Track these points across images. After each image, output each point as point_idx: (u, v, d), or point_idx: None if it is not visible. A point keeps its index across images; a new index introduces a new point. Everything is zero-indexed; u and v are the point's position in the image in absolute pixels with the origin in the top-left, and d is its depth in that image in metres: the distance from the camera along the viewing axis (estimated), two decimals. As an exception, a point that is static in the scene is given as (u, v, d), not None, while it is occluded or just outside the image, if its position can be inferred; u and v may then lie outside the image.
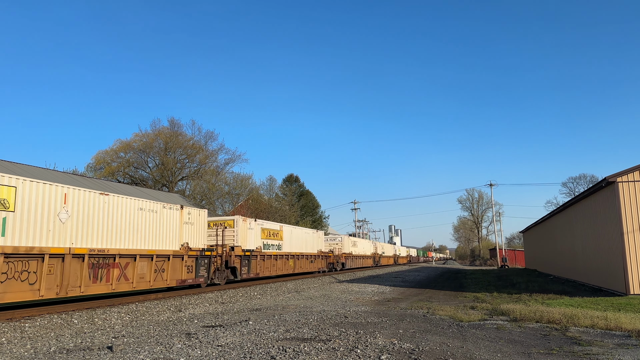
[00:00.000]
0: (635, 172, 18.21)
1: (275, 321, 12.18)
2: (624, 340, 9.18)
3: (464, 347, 8.65)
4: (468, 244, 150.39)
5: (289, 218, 55.75)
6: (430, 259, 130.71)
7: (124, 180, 57.76)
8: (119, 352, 8.50)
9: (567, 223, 28.34)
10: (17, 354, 8.73)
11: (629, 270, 17.60)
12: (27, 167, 33.14)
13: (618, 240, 18.36)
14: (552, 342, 9.10)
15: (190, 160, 61.72)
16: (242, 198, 56.09)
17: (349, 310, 14.59)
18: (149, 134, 59.78)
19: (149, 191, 46.19)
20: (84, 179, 40.56)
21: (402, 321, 12.07)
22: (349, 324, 11.69)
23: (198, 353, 8.35)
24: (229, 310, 15.18)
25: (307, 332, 10.45)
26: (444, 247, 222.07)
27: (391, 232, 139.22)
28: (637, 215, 17.89)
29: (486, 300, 17.95)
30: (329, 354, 8.16)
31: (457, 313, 13.45)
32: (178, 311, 15.09)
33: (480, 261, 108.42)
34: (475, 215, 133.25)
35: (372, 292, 22.95)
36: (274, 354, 8.14)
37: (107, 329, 11.59)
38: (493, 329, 10.72)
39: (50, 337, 10.53)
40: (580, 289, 21.76)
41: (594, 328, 10.66)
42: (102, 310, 14.40)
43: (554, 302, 16.22)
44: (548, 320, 11.69)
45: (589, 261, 23.12)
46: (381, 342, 9.11)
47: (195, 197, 54.55)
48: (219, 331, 10.63)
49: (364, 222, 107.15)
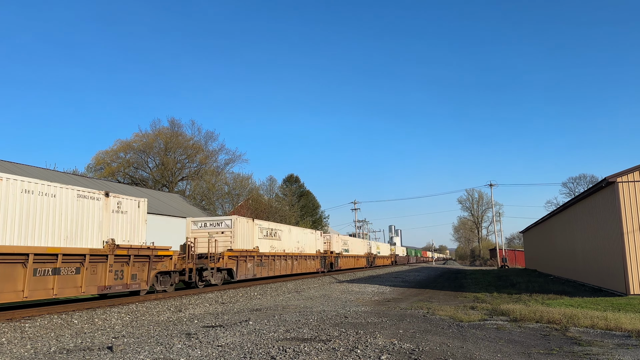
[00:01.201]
0: (635, 172, 18.21)
1: (275, 321, 12.18)
2: (624, 341, 9.19)
3: (464, 347, 8.66)
4: (468, 244, 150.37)
5: (289, 218, 55.73)
6: (429, 259, 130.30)
7: (124, 181, 57.77)
8: (119, 352, 8.51)
9: (567, 223, 28.34)
10: (17, 354, 8.74)
11: (629, 271, 17.60)
12: (27, 167, 33.16)
13: (618, 241, 18.36)
14: (552, 342, 9.10)
15: (190, 160, 61.77)
16: (242, 198, 56.08)
17: (349, 311, 14.59)
18: (149, 134, 59.84)
19: (149, 191, 46.21)
20: (84, 179, 40.57)
21: (402, 321, 12.07)
22: (349, 324, 11.69)
23: (198, 353, 8.35)
24: (229, 311, 15.18)
25: (307, 332, 10.45)
26: (444, 247, 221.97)
27: (391, 232, 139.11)
28: (637, 216, 17.89)
29: (486, 300, 17.95)
30: (329, 354, 8.16)
31: (457, 313, 13.45)
32: (178, 311, 15.10)
33: (480, 261, 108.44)
34: (475, 215, 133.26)
35: (372, 292, 22.96)
36: (274, 354, 8.15)
37: (107, 329, 11.59)
38: (493, 329, 10.72)
39: (50, 337, 10.53)
40: (580, 289, 21.76)
41: (594, 328, 10.66)
42: (102, 311, 14.40)
43: (554, 302, 16.22)
44: (548, 320, 11.69)
45: (589, 261, 23.12)
46: (381, 342, 9.11)
47: (195, 197, 54.56)
48: (219, 331, 10.63)
49: (364, 222, 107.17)
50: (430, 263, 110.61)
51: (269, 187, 64.93)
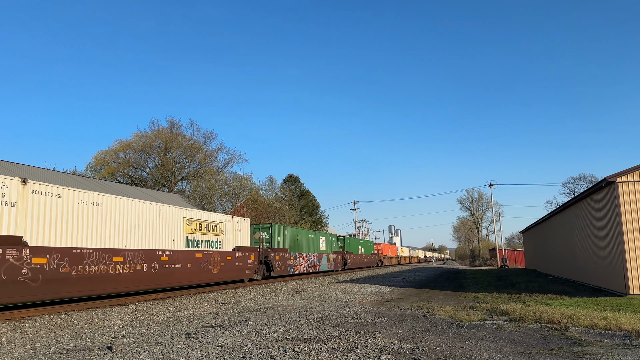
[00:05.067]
0: (635, 172, 18.21)
1: (275, 321, 12.18)
2: (624, 340, 9.18)
3: (463, 347, 8.65)
4: (468, 244, 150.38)
5: (289, 218, 55.70)
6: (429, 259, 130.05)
7: (124, 181, 57.76)
8: (119, 352, 8.50)
9: (567, 223, 28.35)
10: (17, 354, 8.73)
11: (629, 271, 17.60)
12: (27, 167, 33.13)
13: (618, 241, 18.36)
14: (552, 342, 9.10)
15: (189, 160, 61.72)
16: (241, 198, 56.06)
17: (349, 311, 14.58)
18: (149, 134, 59.78)
19: (148, 191, 46.17)
20: (84, 179, 40.53)
21: (402, 321, 12.07)
22: (349, 324, 11.69)
23: (198, 353, 8.35)
24: (229, 311, 15.18)
25: (307, 332, 10.45)
26: (444, 247, 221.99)
27: (391, 232, 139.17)
28: (637, 216, 17.90)
29: (486, 300, 17.95)
30: (328, 354, 8.16)
31: (457, 313, 13.45)
32: (178, 311, 15.09)
33: (480, 261, 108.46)
34: (475, 215, 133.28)
35: (371, 292, 22.96)
36: (274, 354, 8.14)
37: (107, 329, 11.58)
38: (493, 329, 10.72)
39: (50, 337, 10.53)
40: (580, 289, 21.77)
41: (594, 328, 10.66)
42: (102, 311, 14.39)
43: (554, 302, 16.22)
44: (548, 320, 11.69)
45: (589, 261, 23.13)
46: (381, 342, 9.11)
47: (195, 197, 54.54)
48: (219, 331, 10.62)
49: (364, 222, 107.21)
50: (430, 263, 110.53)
51: (268, 187, 64.98)
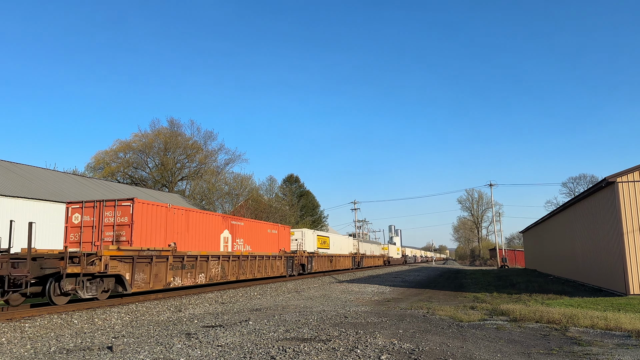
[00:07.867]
0: (635, 172, 18.21)
1: (275, 321, 12.18)
2: (624, 341, 9.19)
3: (464, 347, 8.66)
4: (468, 244, 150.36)
5: (289, 218, 55.70)
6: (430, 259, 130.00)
7: (124, 181, 57.74)
8: (119, 352, 8.50)
9: (567, 223, 28.35)
10: (17, 354, 8.73)
11: (629, 271, 17.60)
12: (27, 167, 33.12)
13: (618, 241, 18.36)
14: (552, 342, 9.10)
15: (189, 160, 61.75)
16: (242, 198, 56.08)
17: (349, 311, 14.58)
18: (149, 134, 59.82)
19: (148, 191, 46.16)
20: (84, 179, 40.53)
21: (402, 321, 12.07)
22: (349, 324, 11.69)
23: (198, 353, 8.35)
24: (229, 311, 15.18)
25: (307, 332, 10.45)
26: (444, 247, 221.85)
27: (391, 232, 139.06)
28: (637, 216, 17.89)
29: (486, 300, 17.95)
30: (329, 354, 8.16)
31: (457, 313, 13.45)
32: (178, 311, 15.09)
33: (480, 261, 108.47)
34: (475, 215, 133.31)
35: (372, 292, 22.96)
36: (274, 354, 8.14)
37: (107, 329, 11.58)
38: (493, 329, 10.72)
39: (50, 337, 10.53)
40: (580, 289, 21.77)
41: (594, 328, 10.66)
42: (102, 311, 14.40)
43: (554, 302, 16.22)
44: (548, 320, 11.69)
45: (589, 261, 23.13)
46: (381, 342, 9.11)
47: (195, 197, 54.54)
48: (219, 331, 10.63)
49: (364, 222, 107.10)
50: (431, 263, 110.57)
51: (268, 187, 64.97)
